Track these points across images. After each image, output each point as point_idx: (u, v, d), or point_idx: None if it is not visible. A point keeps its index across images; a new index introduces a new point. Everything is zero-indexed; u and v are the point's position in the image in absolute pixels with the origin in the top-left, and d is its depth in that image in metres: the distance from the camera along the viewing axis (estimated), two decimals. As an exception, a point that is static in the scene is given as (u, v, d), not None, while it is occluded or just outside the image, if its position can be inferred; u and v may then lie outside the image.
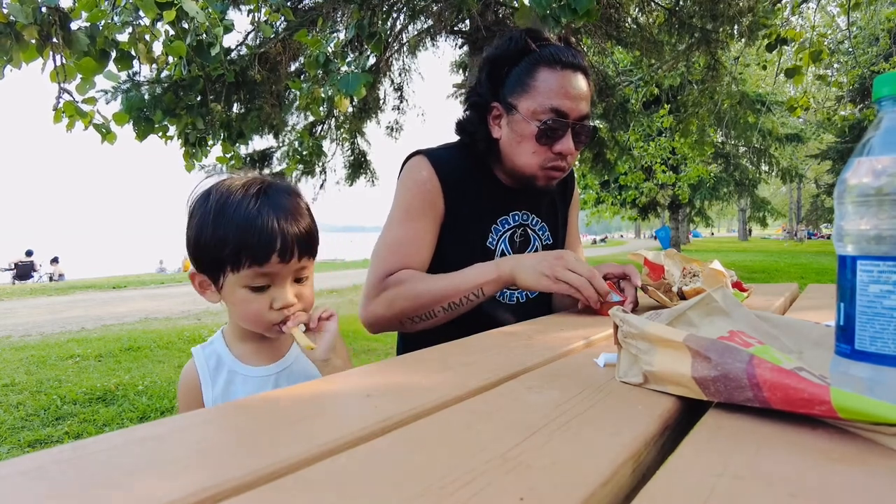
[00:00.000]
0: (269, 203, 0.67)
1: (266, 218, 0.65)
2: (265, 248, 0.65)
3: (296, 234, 0.67)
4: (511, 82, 0.92)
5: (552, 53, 0.89)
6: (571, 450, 0.29)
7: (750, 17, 3.70)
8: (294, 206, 0.69)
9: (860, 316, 0.34)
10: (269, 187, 0.70)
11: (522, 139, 0.91)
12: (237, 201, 0.66)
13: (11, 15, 1.99)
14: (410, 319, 0.86)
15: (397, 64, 5.16)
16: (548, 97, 0.87)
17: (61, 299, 7.51)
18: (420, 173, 0.94)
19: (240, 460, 0.28)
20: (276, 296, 0.68)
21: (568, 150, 0.89)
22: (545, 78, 0.88)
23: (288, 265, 0.67)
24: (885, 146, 0.33)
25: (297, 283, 0.71)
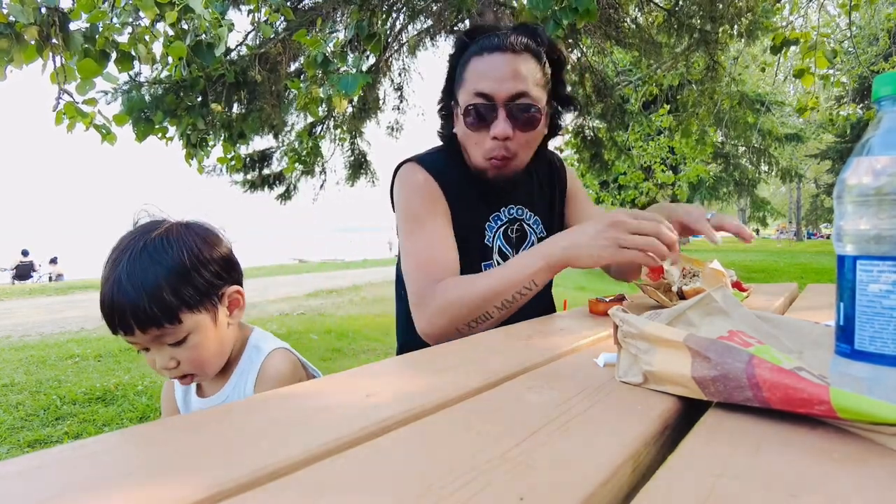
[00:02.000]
0: (121, 274, 0.65)
1: (106, 291, 0.65)
2: (109, 322, 0.65)
3: (134, 309, 0.63)
4: (456, 80, 0.94)
5: (481, 43, 0.90)
6: (571, 450, 0.29)
7: (749, 18, 3.70)
8: (144, 273, 0.65)
9: (860, 316, 0.34)
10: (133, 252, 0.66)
11: (462, 130, 0.92)
12: (107, 265, 0.67)
13: (11, 15, 1.99)
14: (468, 325, 0.81)
15: (397, 64, 5.16)
16: (473, 83, 0.88)
17: (61, 299, 7.50)
18: (416, 177, 0.94)
19: (240, 460, 0.28)
20: (156, 357, 0.68)
21: (501, 132, 0.86)
22: (473, 67, 0.89)
23: (135, 337, 0.65)
24: (885, 146, 0.33)
25: (174, 346, 0.67)
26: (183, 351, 0.68)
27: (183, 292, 0.66)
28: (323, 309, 5.93)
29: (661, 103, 6.10)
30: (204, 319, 0.69)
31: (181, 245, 0.68)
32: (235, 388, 0.75)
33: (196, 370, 0.70)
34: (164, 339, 0.67)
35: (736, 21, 3.74)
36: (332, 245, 33.23)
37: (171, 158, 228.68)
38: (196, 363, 0.69)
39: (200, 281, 0.68)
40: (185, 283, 0.67)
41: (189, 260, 0.68)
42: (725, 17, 3.68)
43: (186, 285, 0.67)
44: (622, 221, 0.70)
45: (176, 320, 0.66)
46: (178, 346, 0.67)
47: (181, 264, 0.67)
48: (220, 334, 0.72)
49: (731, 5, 3.66)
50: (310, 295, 7.24)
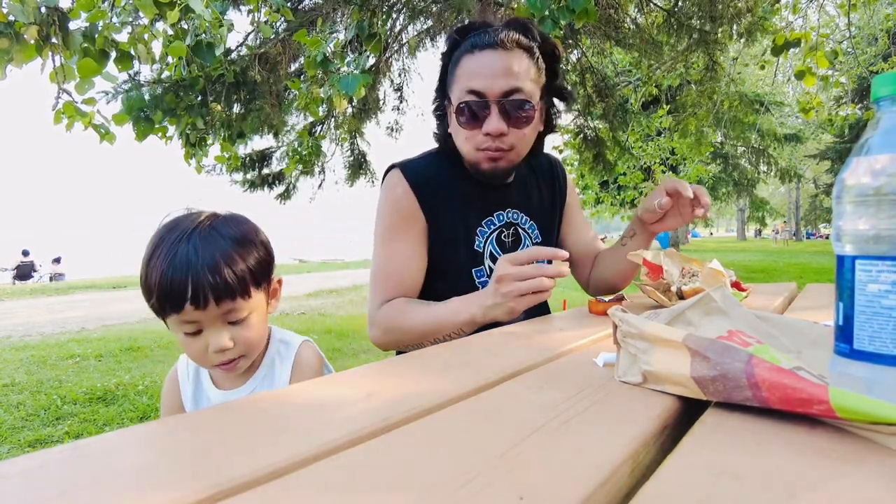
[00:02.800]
0: (189, 248, 0.65)
1: (180, 266, 0.64)
2: (178, 297, 0.64)
3: (210, 281, 0.64)
4: (448, 78, 0.95)
5: (472, 40, 0.90)
6: (571, 449, 0.29)
7: (749, 18, 3.70)
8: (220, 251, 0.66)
9: (859, 315, 0.34)
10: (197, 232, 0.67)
11: (455, 127, 0.93)
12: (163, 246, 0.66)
13: (11, 14, 1.99)
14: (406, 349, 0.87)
15: (397, 64, 5.15)
16: (465, 81, 0.88)
17: (61, 299, 7.50)
18: (395, 190, 0.95)
19: (240, 460, 0.28)
20: (210, 340, 0.67)
21: (494, 129, 0.87)
22: (464, 64, 0.90)
23: (206, 312, 0.65)
24: (884, 146, 0.33)
25: (234, 325, 0.68)
26: (242, 330, 0.69)
27: (253, 267, 0.69)
28: (323, 309, 5.93)
29: (660, 104, 6.10)
30: (261, 300, 0.72)
31: (246, 223, 0.72)
32: (265, 380, 0.75)
33: (248, 352, 0.70)
34: (231, 316, 0.67)
35: (735, 21, 3.74)
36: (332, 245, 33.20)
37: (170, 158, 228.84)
38: (249, 344, 0.70)
39: (263, 259, 0.71)
40: (254, 258, 0.69)
41: (254, 237, 0.71)
42: (725, 18, 3.68)
43: (255, 261, 0.69)
44: (505, 276, 0.74)
45: (247, 294, 0.68)
46: (239, 324, 0.68)
47: (250, 240, 0.70)
48: (265, 318, 0.74)
49: (730, 5, 3.66)
50: (310, 295, 7.24)
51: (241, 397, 0.72)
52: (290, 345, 0.78)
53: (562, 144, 5.68)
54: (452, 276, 0.96)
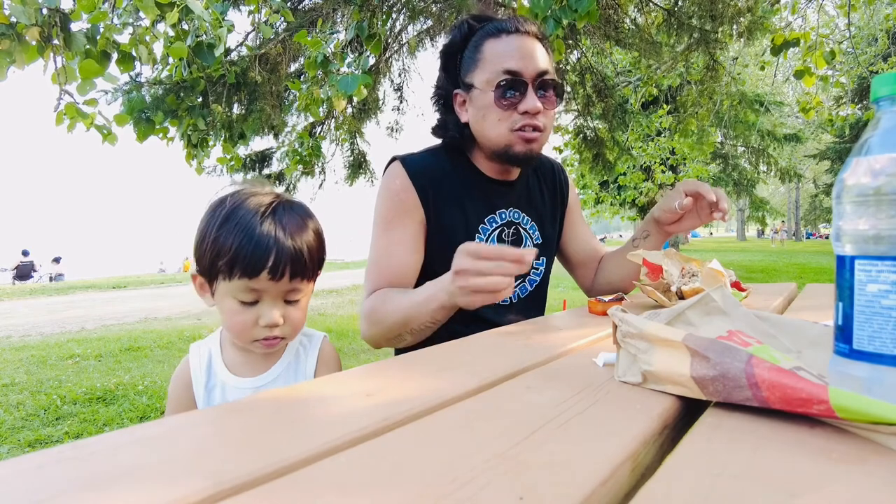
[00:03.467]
0: (275, 221, 0.67)
1: (265, 234, 0.66)
2: (257, 263, 0.65)
3: (291, 254, 0.66)
4: (464, 65, 0.94)
5: (494, 26, 0.91)
6: (571, 449, 0.29)
7: (749, 18, 3.70)
8: (298, 228, 0.69)
9: (858, 315, 0.34)
10: (281, 205, 0.70)
11: (486, 110, 0.91)
12: (244, 213, 0.67)
13: (13, 16, 1.99)
14: (388, 340, 0.86)
15: (397, 64, 5.16)
16: (498, 62, 0.88)
17: (61, 299, 7.50)
18: (394, 182, 0.94)
19: (240, 460, 0.28)
20: (263, 312, 0.68)
21: (533, 107, 0.88)
22: (491, 47, 0.90)
23: (277, 284, 0.66)
24: (884, 146, 0.33)
25: (288, 304, 0.70)
26: (294, 310, 0.70)
27: (320, 254, 0.72)
28: (323, 309, 5.93)
29: (660, 104, 6.10)
30: (313, 286, 0.73)
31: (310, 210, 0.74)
32: (289, 368, 0.75)
33: (292, 333, 0.72)
34: (292, 294, 0.69)
35: (735, 21, 3.74)
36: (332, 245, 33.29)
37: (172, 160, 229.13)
38: (296, 326, 0.71)
39: (323, 248, 0.74)
40: (321, 245, 0.72)
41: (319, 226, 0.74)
42: (725, 17, 3.68)
43: (321, 247, 0.72)
44: (464, 270, 0.69)
45: (313, 277, 0.71)
46: (293, 304, 0.70)
47: (319, 228, 0.73)
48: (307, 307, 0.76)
49: (730, 5, 3.66)
50: (310, 295, 7.22)
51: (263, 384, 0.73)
52: (314, 337, 0.79)
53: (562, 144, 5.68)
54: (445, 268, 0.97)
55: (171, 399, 0.77)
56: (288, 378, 0.74)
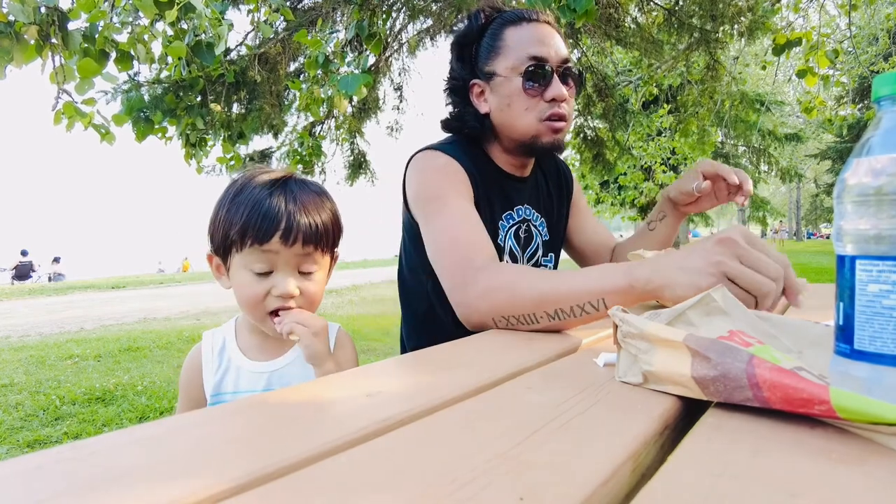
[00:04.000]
0: (285, 190, 0.69)
1: (275, 200, 0.67)
2: (269, 227, 0.66)
3: (304, 220, 0.67)
4: (482, 54, 0.92)
5: (513, 14, 0.90)
6: (571, 449, 0.29)
7: (750, 17, 3.70)
8: (311, 199, 0.70)
9: (859, 315, 0.34)
10: (292, 179, 0.72)
11: (511, 98, 0.88)
12: (255, 186, 0.69)
13: (11, 14, 1.99)
14: (506, 319, 0.69)
15: (397, 64, 5.15)
16: (522, 48, 0.87)
17: (60, 300, 7.50)
18: (437, 160, 0.88)
19: (240, 460, 0.28)
20: (277, 282, 0.68)
21: (559, 94, 0.86)
22: (513, 34, 0.89)
23: (290, 249, 0.66)
24: (885, 146, 0.33)
25: (303, 276, 0.70)
26: (310, 283, 0.70)
27: (336, 227, 0.73)
28: (323, 309, 5.93)
29: (661, 103, 6.10)
30: (328, 263, 0.74)
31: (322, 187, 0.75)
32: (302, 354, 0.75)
33: (310, 306, 0.71)
34: (306, 263, 0.69)
35: (736, 20, 3.74)
36: (332, 245, 33.21)
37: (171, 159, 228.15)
38: (311, 300, 0.71)
39: (338, 224, 0.74)
40: (335, 219, 0.73)
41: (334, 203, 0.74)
42: (726, 17, 3.68)
43: (334, 222, 0.73)
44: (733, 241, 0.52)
45: (326, 248, 0.71)
46: (308, 276, 0.70)
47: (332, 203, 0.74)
48: (325, 286, 0.75)
49: (731, 4, 3.66)
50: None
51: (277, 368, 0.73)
52: (330, 325, 0.78)
53: (562, 144, 5.67)
54: None
55: (181, 386, 0.77)
56: (303, 362, 0.73)
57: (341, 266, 13.14)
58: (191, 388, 0.75)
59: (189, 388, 0.75)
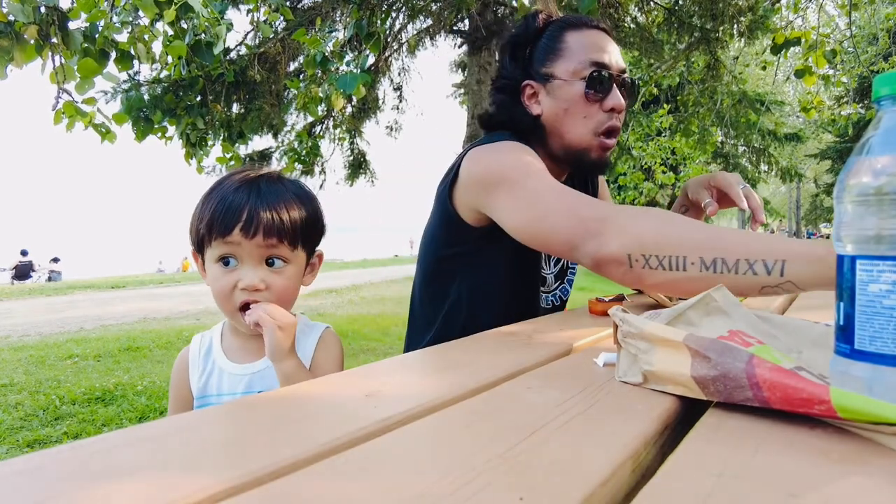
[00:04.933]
0: (252, 186, 0.70)
1: (240, 195, 0.69)
2: (230, 220, 0.67)
3: (266, 213, 0.68)
4: (538, 56, 0.90)
5: (573, 18, 0.89)
6: (571, 449, 0.29)
7: (750, 17, 3.71)
8: (280, 194, 0.70)
9: (859, 315, 0.34)
10: (265, 176, 0.73)
11: (570, 103, 0.86)
12: (227, 183, 0.71)
13: (11, 14, 1.99)
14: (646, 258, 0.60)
15: (396, 63, 5.16)
16: (585, 53, 0.86)
17: (60, 299, 7.50)
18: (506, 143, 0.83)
19: (240, 460, 0.28)
20: (242, 275, 0.69)
21: (618, 104, 0.85)
22: (575, 38, 0.87)
23: (252, 241, 0.67)
24: (885, 146, 0.33)
25: (271, 270, 0.70)
26: (277, 278, 0.70)
27: (305, 222, 0.72)
28: (322, 309, 5.93)
29: (661, 103, 6.10)
30: (301, 260, 0.73)
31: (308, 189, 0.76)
32: None
33: (279, 300, 0.70)
34: (271, 255, 0.69)
35: (736, 20, 3.74)
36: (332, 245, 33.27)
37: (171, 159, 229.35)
38: (280, 296, 0.70)
39: (314, 222, 0.74)
40: (308, 216, 0.72)
41: (314, 201, 0.75)
42: (726, 16, 3.68)
43: (307, 219, 0.72)
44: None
45: (293, 243, 0.70)
46: (275, 270, 0.70)
47: (310, 200, 0.74)
48: (300, 282, 0.75)
49: (731, 4, 3.66)
50: (309, 295, 7.24)
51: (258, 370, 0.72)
52: (315, 328, 0.78)
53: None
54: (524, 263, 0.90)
55: (171, 387, 0.78)
56: None
57: (341, 266, 13.13)
58: (179, 389, 0.76)
59: (177, 389, 0.76)
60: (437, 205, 0.92)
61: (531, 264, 0.93)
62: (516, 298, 0.93)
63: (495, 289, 0.91)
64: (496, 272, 0.90)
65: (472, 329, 0.75)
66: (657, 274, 0.60)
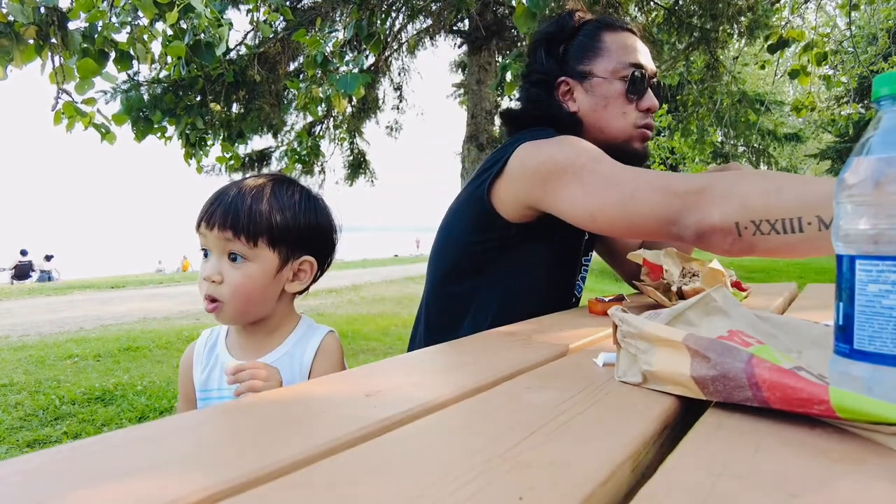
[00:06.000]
0: (241, 184, 0.72)
1: (224, 190, 0.71)
2: (203, 210, 0.70)
3: (229, 206, 0.69)
4: (574, 53, 0.91)
5: (609, 19, 0.91)
6: (570, 449, 0.29)
7: (749, 17, 3.71)
8: (258, 189, 0.71)
9: (859, 315, 0.34)
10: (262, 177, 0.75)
11: (608, 101, 0.89)
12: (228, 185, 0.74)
13: (11, 14, 1.99)
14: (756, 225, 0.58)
15: (396, 63, 5.16)
16: (624, 54, 0.88)
17: (59, 299, 7.49)
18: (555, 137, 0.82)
19: (239, 460, 0.28)
20: (208, 265, 0.71)
21: (654, 105, 0.89)
22: (613, 39, 0.89)
23: (212, 233, 0.69)
24: (885, 145, 0.33)
25: (233, 263, 0.70)
26: (234, 273, 0.69)
27: (278, 224, 0.70)
28: (322, 309, 5.93)
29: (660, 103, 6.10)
30: (271, 261, 0.71)
31: (302, 192, 0.75)
32: (285, 357, 0.75)
33: (230, 299, 0.69)
34: (230, 247, 0.69)
35: (736, 20, 3.74)
36: (332, 245, 33.19)
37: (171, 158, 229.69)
38: (237, 292, 0.69)
39: (296, 229, 0.72)
40: (286, 220, 0.71)
41: (307, 211, 0.73)
42: (725, 16, 3.68)
43: (285, 223, 0.71)
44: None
45: (253, 239, 0.69)
46: (237, 266, 0.70)
47: (297, 207, 0.73)
48: (271, 290, 0.73)
49: (731, 4, 3.66)
50: (309, 295, 7.22)
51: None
52: (317, 331, 0.78)
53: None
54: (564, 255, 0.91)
55: (179, 381, 0.80)
56: (283, 366, 0.73)
57: (341, 266, 13.12)
58: (184, 383, 0.78)
59: (183, 383, 0.78)
60: (466, 202, 0.89)
61: (571, 255, 0.94)
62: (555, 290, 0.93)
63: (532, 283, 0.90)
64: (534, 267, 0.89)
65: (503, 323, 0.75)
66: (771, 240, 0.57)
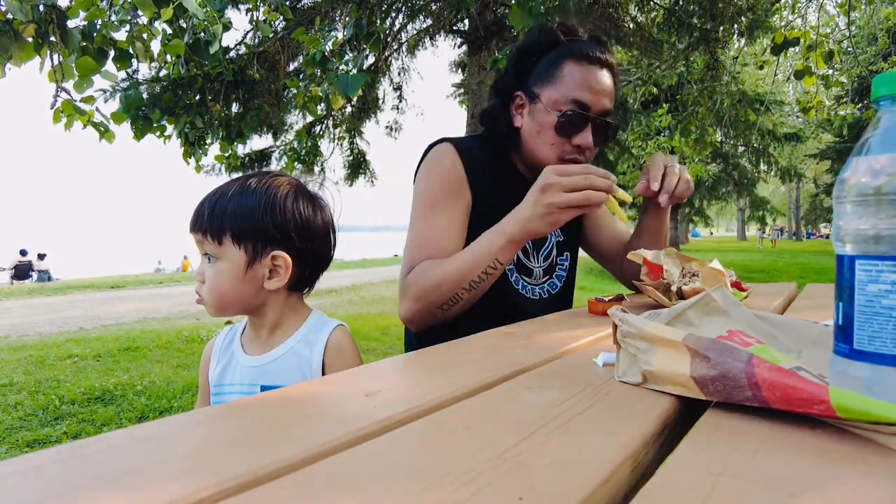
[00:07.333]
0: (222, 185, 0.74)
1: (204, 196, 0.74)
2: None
3: (199, 210, 0.72)
4: (537, 72, 0.93)
5: (580, 48, 0.91)
6: (570, 449, 0.29)
7: (749, 17, 3.71)
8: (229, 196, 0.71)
9: (859, 315, 0.34)
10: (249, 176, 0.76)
11: (542, 129, 0.91)
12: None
13: (9, 13, 1.99)
14: (440, 308, 0.83)
15: (396, 63, 5.15)
16: (571, 88, 0.89)
17: (59, 299, 7.49)
18: (443, 162, 0.93)
19: (240, 460, 0.28)
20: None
21: (586, 143, 0.90)
22: (570, 70, 0.90)
23: (193, 237, 0.72)
24: (884, 145, 0.33)
25: (209, 262, 0.73)
26: (209, 270, 0.72)
27: (241, 223, 0.70)
28: (322, 309, 5.91)
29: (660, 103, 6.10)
30: (238, 258, 0.71)
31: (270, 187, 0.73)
32: (291, 352, 0.75)
33: (207, 296, 0.73)
34: (204, 247, 0.72)
35: (736, 20, 3.74)
36: (331, 244, 33.20)
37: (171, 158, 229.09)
38: (211, 290, 0.72)
39: (259, 224, 0.71)
40: (252, 218, 0.71)
41: (264, 200, 0.72)
42: (725, 16, 3.68)
43: (251, 220, 0.71)
44: (551, 185, 0.72)
45: (217, 239, 0.71)
46: (211, 265, 0.72)
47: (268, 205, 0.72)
48: (245, 286, 0.72)
49: (731, 4, 3.66)
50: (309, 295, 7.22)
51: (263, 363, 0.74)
52: (325, 326, 0.79)
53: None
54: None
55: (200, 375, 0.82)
56: (289, 362, 0.74)
57: (341, 266, 13.11)
58: (204, 378, 0.80)
59: (203, 378, 0.80)
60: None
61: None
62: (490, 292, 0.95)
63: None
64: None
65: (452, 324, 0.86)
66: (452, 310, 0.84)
